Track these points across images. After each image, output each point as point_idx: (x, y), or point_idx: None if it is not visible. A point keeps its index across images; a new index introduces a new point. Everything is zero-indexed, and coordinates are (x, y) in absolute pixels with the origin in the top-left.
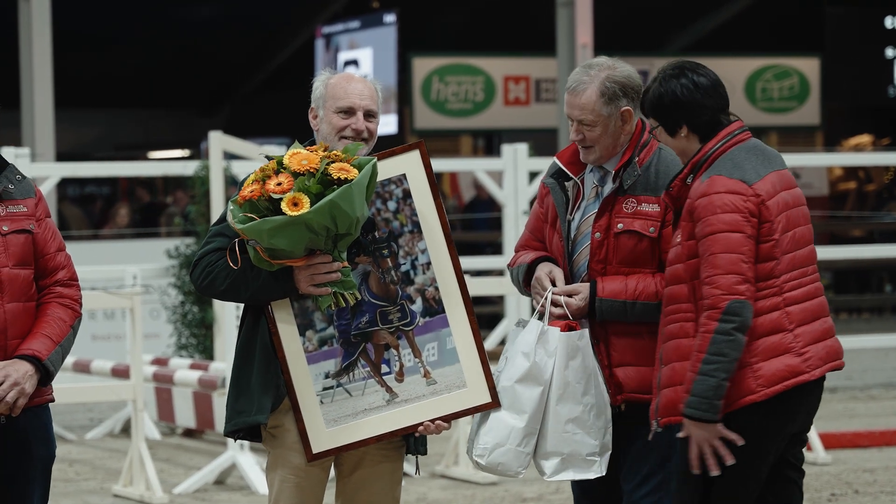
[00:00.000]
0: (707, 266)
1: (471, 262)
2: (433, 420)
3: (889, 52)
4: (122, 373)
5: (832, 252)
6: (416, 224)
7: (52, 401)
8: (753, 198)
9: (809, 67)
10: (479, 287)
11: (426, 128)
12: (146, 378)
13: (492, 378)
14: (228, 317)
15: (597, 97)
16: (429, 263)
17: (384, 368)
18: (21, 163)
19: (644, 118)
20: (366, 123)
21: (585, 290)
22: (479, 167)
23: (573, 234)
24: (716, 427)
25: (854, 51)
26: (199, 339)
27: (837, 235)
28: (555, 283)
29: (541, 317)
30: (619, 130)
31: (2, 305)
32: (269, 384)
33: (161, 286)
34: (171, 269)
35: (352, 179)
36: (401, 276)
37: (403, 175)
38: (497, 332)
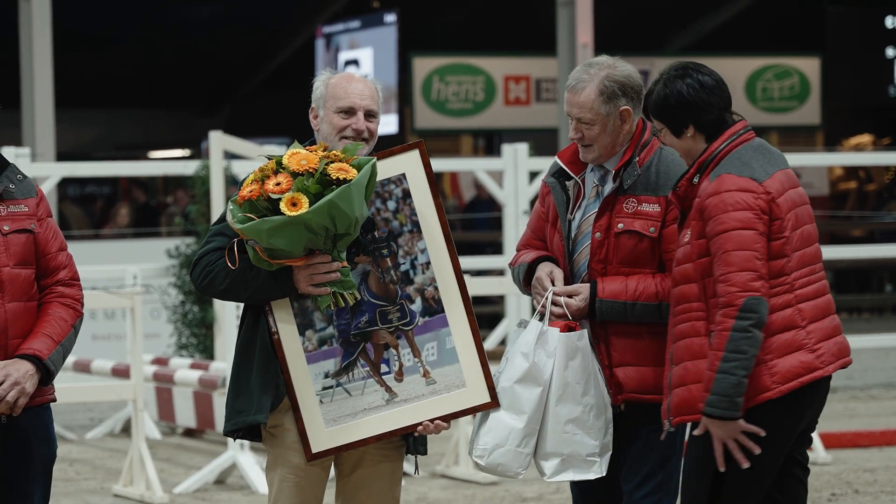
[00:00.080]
0: (721, 264)
1: (471, 262)
2: (432, 420)
3: (889, 52)
4: (123, 372)
5: (832, 252)
6: (416, 224)
7: (54, 400)
8: (764, 195)
9: (810, 67)
10: (480, 287)
11: (426, 127)
12: (146, 378)
13: (491, 378)
14: (229, 316)
15: (595, 96)
16: (428, 263)
17: (384, 368)
18: (21, 162)
19: (645, 118)
20: (366, 123)
21: (586, 291)
22: (480, 167)
23: (574, 234)
24: (737, 423)
25: (854, 50)
26: (200, 339)
27: (838, 235)
28: (555, 284)
29: (541, 317)
30: (618, 129)
31: (2, 305)
32: (269, 383)
33: (161, 286)
34: (172, 269)
35: (351, 179)
36: (400, 276)
37: (403, 175)
38: (497, 332)
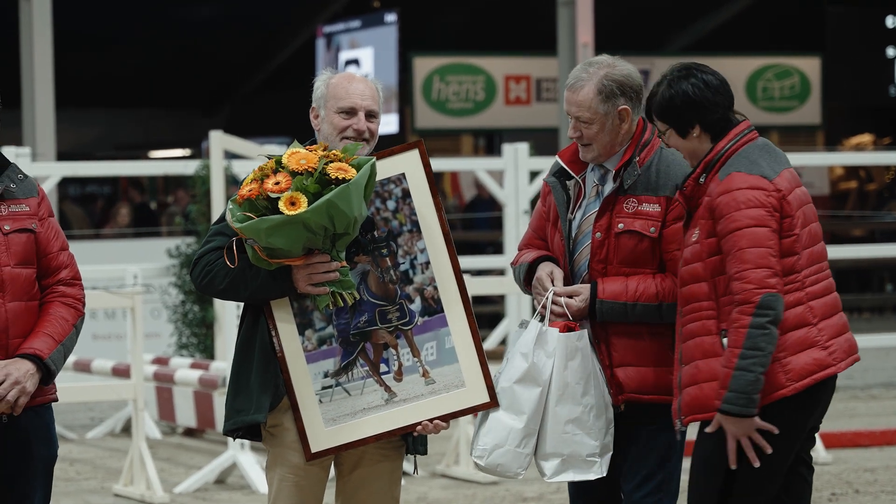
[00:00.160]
0: (735, 261)
1: (471, 262)
2: (432, 419)
3: (890, 52)
4: (123, 372)
5: (833, 251)
6: (415, 223)
7: (56, 400)
8: (775, 193)
9: (810, 67)
10: (480, 287)
11: (427, 127)
12: (147, 377)
13: (490, 378)
14: (229, 316)
15: (594, 94)
16: (428, 263)
17: (383, 368)
18: (22, 162)
19: (646, 118)
20: (367, 124)
21: (586, 292)
22: (480, 167)
23: (574, 233)
24: (753, 421)
25: (855, 50)
26: (200, 339)
27: (838, 235)
28: (555, 284)
29: (542, 318)
30: (617, 129)
31: (3, 305)
32: (269, 383)
33: (162, 285)
34: (172, 269)
35: (350, 179)
36: (400, 276)
37: (402, 174)
38: (497, 332)
